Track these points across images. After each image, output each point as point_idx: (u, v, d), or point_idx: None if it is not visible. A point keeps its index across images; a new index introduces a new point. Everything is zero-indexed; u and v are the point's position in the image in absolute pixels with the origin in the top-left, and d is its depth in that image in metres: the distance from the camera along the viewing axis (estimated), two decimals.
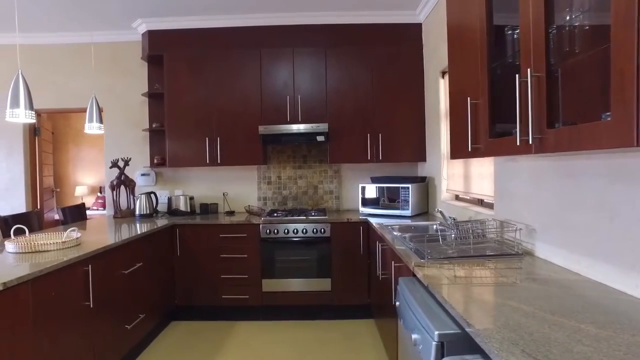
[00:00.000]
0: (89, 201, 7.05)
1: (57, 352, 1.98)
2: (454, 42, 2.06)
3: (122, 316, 2.61)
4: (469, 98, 1.79)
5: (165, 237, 3.31)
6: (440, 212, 2.59)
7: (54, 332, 1.98)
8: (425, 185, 3.58)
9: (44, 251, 2.24)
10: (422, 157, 3.67)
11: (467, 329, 1.15)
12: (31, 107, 2.32)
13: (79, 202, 7.22)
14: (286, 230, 3.38)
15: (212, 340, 3.09)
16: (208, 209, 3.83)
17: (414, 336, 1.41)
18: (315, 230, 3.38)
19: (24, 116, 2.28)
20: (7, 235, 3.03)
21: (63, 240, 2.32)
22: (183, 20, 3.65)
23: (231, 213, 3.85)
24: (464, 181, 2.90)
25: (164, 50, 3.68)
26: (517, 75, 1.36)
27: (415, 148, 3.67)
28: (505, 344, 0.98)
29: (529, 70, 1.29)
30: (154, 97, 3.89)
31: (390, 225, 2.92)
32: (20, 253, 2.21)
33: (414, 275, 1.84)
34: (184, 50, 3.68)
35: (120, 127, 4.03)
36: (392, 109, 3.65)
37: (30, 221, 3.26)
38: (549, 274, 1.59)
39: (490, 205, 2.64)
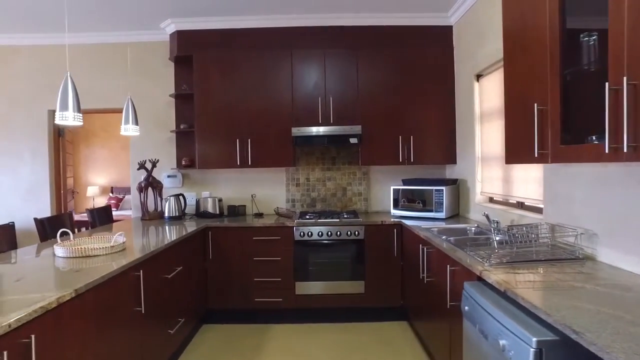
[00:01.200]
0: (100, 202, 6.98)
1: (113, 359, 1.96)
2: (512, 44, 2.06)
3: (165, 321, 2.59)
4: (535, 104, 1.79)
5: (198, 240, 3.28)
6: (486, 215, 2.59)
7: (112, 339, 1.96)
8: (457, 188, 3.59)
9: (94, 256, 2.21)
10: (452, 160, 3.68)
11: (574, 337, 1.14)
12: (79, 110, 2.29)
13: (90, 203, 7.16)
14: (320, 233, 3.38)
15: (249, 344, 3.08)
16: (236, 211, 3.80)
17: (502, 342, 1.41)
18: (349, 232, 3.38)
19: (72, 119, 2.25)
20: (45, 238, 3.00)
21: (112, 244, 2.29)
22: (213, 20, 3.62)
23: (260, 215, 3.83)
24: (503, 184, 2.91)
25: (193, 51, 3.65)
26: (606, 84, 1.36)
27: (446, 150, 3.67)
28: (630, 354, 0.99)
29: (624, 78, 1.29)
30: (181, 98, 3.86)
31: (429, 228, 2.93)
32: (71, 258, 2.18)
33: (479, 280, 1.85)
34: (214, 50, 3.65)
35: (145, 128, 3.98)
36: (422, 112, 3.65)
37: (64, 224, 3.22)
38: (624, 279, 1.60)
39: (532, 209, 2.65)
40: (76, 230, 3.37)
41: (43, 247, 2.55)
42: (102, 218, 3.75)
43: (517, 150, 2.04)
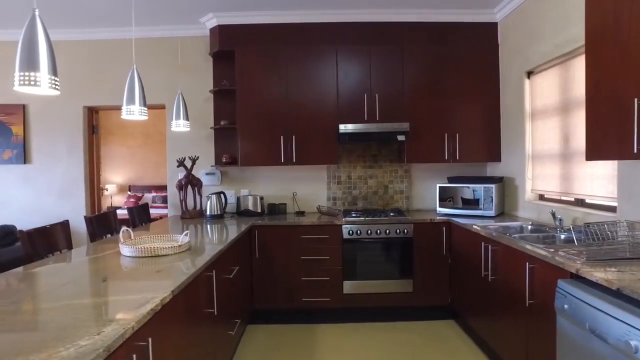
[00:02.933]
0: (118, 200, 6.87)
1: None
2: (598, 37, 2.02)
3: (228, 322, 2.53)
4: (635, 99, 1.76)
5: (245, 239, 3.22)
6: (553, 213, 2.56)
7: (196, 341, 1.90)
8: (502, 186, 3.56)
9: (163, 255, 2.14)
10: (496, 157, 3.65)
11: None
12: (144, 104, 2.22)
13: (108, 201, 7.05)
14: (369, 231, 3.33)
15: (299, 344, 3.02)
16: (276, 209, 3.74)
17: (633, 343, 1.37)
18: (397, 230, 3.33)
19: (138, 113, 2.18)
20: (94, 236, 2.92)
21: (179, 244, 2.23)
22: (256, 15, 3.56)
23: (301, 213, 3.77)
24: (561, 182, 2.88)
25: (236, 46, 3.58)
26: None
27: (490, 148, 3.64)
28: None
29: None
30: (220, 93, 3.79)
31: (485, 226, 2.89)
32: (139, 257, 2.11)
33: (572, 277, 1.82)
34: (257, 45, 3.59)
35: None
36: (467, 109, 3.62)
37: (110, 222, 3.14)
38: None
39: (597, 206, 2.62)
40: (122, 228, 3.29)
41: (104, 246, 2.47)
42: (141, 216, 3.67)
43: (602, 146, 2.00)
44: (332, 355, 2.84)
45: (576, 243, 2.17)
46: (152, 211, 6.67)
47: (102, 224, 3.04)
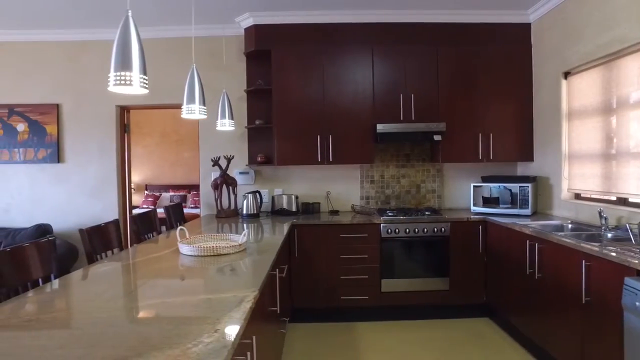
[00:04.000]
0: (136, 200, 6.88)
1: None
2: None
3: (280, 320, 2.55)
4: None
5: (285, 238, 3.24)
6: (600, 212, 2.60)
7: (265, 340, 1.92)
8: (536, 185, 3.59)
9: (224, 254, 2.16)
10: (528, 157, 3.68)
11: None
12: (204, 103, 2.24)
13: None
14: (407, 230, 3.36)
15: (340, 342, 3.05)
16: (310, 208, 3.77)
17: None
18: (435, 229, 3.37)
19: (198, 112, 2.20)
20: (138, 235, 2.93)
21: (239, 243, 2.25)
22: (292, 14, 3.58)
23: (335, 212, 3.80)
24: (603, 181, 2.91)
25: (272, 46, 3.60)
26: None
27: (523, 148, 3.67)
28: None
29: None
30: (254, 93, 3.81)
31: (527, 224, 2.92)
32: (200, 256, 2.13)
33: (638, 275, 1.85)
34: (293, 45, 3.61)
35: (214, 123, 3.91)
36: (500, 109, 3.65)
37: (152, 221, 3.16)
38: None
39: (638, 205, 2.66)
40: (178, 227, 3.29)
41: (157, 245, 2.50)
42: (176, 215, 3.69)
43: None
44: (374, 352, 2.87)
45: (633, 241, 2.21)
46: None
47: (146, 223, 3.06)
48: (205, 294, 1.53)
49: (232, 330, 1.16)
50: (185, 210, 6.60)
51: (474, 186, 3.62)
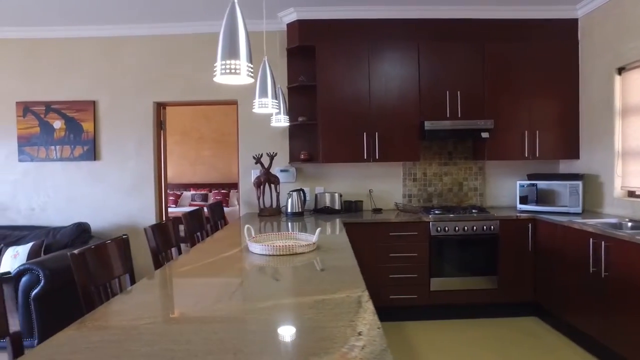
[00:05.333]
0: None
1: None
2: None
3: None
4: None
5: None
6: None
7: None
8: (584, 183, 3.55)
9: (301, 253, 2.11)
10: (574, 155, 3.64)
11: None
12: (276, 97, 2.19)
13: None
14: (456, 228, 3.32)
15: (394, 341, 3.01)
16: (352, 206, 3.72)
17: None
18: (484, 227, 3.32)
19: (271, 106, 2.14)
20: (191, 234, 2.88)
21: (314, 242, 2.20)
22: (336, 10, 3.52)
23: (378, 211, 3.75)
24: None
25: (316, 41, 3.54)
26: None
27: (569, 145, 3.63)
28: None
29: None
30: (296, 90, 3.75)
31: (584, 222, 2.88)
32: (275, 255, 2.08)
33: None
34: (338, 41, 3.55)
35: (254, 121, 3.87)
36: (545, 106, 3.60)
37: (201, 218, 3.10)
38: None
39: None
40: (246, 225, 3.24)
41: (220, 244, 2.45)
42: (216, 213, 3.64)
43: None
44: (431, 352, 2.83)
45: None
46: (191, 209, 6.64)
47: (196, 221, 3.00)
48: (313, 294, 1.47)
49: (375, 333, 1.11)
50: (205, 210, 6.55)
51: (520, 184, 3.58)
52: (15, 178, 3.92)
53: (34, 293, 2.94)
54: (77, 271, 1.59)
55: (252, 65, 1.43)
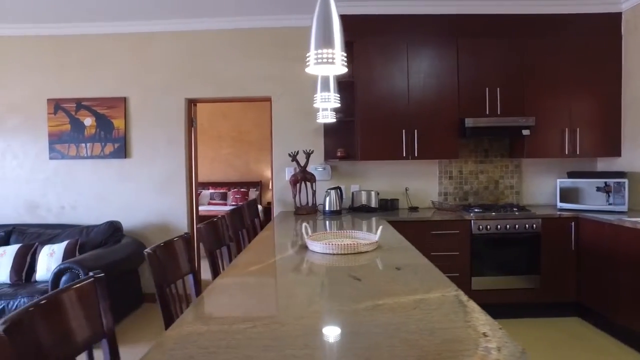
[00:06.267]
0: None
1: None
2: None
3: None
4: None
5: None
6: None
7: None
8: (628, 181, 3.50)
9: (364, 252, 2.06)
10: (615, 152, 3.59)
11: None
12: (337, 91, 2.14)
13: None
14: (498, 226, 3.27)
15: None
16: (389, 204, 3.67)
17: None
18: (526, 225, 3.27)
19: (333, 100, 2.10)
20: (235, 232, 2.82)
21: (376, 240, 2.14)
22: (375, 5, 3.47)
23: (414, 209, 3.70)
24: None
25: (354, 37, 3.49)
26: None
27: (610, 142, 3.57)
28: None
29: None
30: None
31: (638, 221, 2.83)
32: (338, 254, 2.02)
33: None
34: (376, 37, 3.50)
35: (288, 117, 3.82)
36: (585, 102, 3.54)
37: (244, 216, 3.05)
38: None
39: None
40: (303, 224, 3.19)
41: (273, 243, 2.40)
42: (252, 211, 3.59)
43: None
44: None
45: None
46: (210, 208, 6.59)
47: (238, 220, 2.95)
48: (407, 294, 1.41)
49: (501, 334, 1.06)
50: (226, 208, 6.50)
51: (560, 182, 3.53)
52: (45, 176, 3.88)
53: None
54: (154, 270, 1.54)
55: (345, 55, 1.37)
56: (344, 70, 1.41)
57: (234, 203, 6.62)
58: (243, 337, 1.07)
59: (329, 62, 1.33)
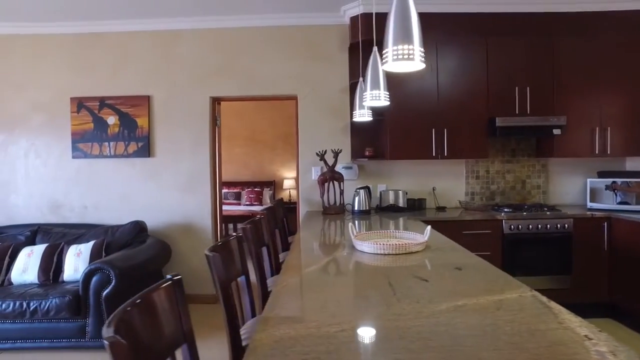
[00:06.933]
0: None
1: None
2: None
3: None
4: None
5: None
6: None
7: None
8: None
9: (415, 252, 2.03)
10: None
11: None
12: (386, 88, 2.11)
13: None
14: (530, 226, 3.24)
15: None
16: (416, 204, 3.64)
17: None
18: (558, 225, 3.25)
19: (383, 98, 2.07)
20: (285, 232, 2.79)
21: (425, 240, 2.12)
22: None
23: (442, 209, 3.67)
24: None
25: (382, 35, 3.46)
26: None
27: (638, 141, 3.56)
28: None
29: None
30: (357, 85, 3.67)
31: None
32: (389, 254, 1.99)
33: None
34: None
35: (315, 116, 3.78)
36: (617, 101, 3.52)
37: (279, 214, 3.02)
38: None
39: None
40: (349, 224, 3.16)
41: (315, 243, 2.37)
42: (282, 211, 3.56)
43: None
44: None
45: None
46: (225, 208, 6.54)
47: (272, 219, 2.92)
48: (482, 295, 1.39)
49: (605, 337, 1.04)
50: (241, 208, 6.46)
51: (590, 181, 3.51)
52: (68, 175, 3.83)
53: (105, 293, 2.85)
54: (216, 270, 1.50)
55: (423, 50, 1.35)
56: (423, 66, 1.38)
57: (247, 203, 6.58)
58: (338, 342, 1.04)
59: (407, 59, 1.31)
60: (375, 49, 2.11)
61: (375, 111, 3.60)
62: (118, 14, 3.65)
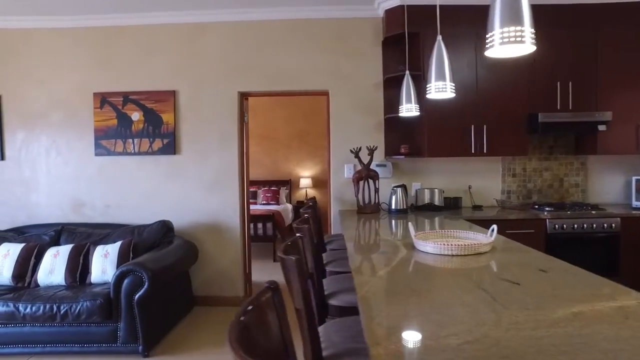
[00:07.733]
0: None
1: None
2: None
3: None
4: None
5: None
6: None
7: None
8: None
9: (483, 253, 1.92)
10: None
11: None
12: (452, 80, 1.99)
13: None
14: (574, 226, 3.13)
15: None
16: (452, 203, 3.52)
17: None
18: (604, 225, 3.14)
19: (449, 89, 1.95)
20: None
21: (492, 240, 2.00)
22: None
23: (478, 207, 3.56)
24: None
25: (421, 28, 3.34)
26: None
27: None
28: None
29: None
30: (392, 80, 3.55)
31: None
32: (455, 255, 1.87)
33: None
34: (443, 27, 3.33)
35: (347, 112, 3.66)
36: None
37: (316, 214, 2.90)
38: None
39: None
40: (409, 223, 3.04)
41: (368, 243, 2.25)
42: (316, 210, 3.43)
43: None
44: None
45: None
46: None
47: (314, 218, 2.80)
48: (597, 301, 1.26)
49: None
50: (258, 207, 6.34)
51: (636, 179, 3.40)
52: (91, 173, 3.71)
53: (137, 296, 2.73)
54: (298, 273, 1.38)
55: (534, 32, 1.23)
56: (533, 49, 1.26)
57: (264, 202, 6.45)
58: (469, 356, 0.92)
59: (517, 42, 1.19)
60: (439, 38, 2.00)
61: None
62: (142, 7, 3.52)
